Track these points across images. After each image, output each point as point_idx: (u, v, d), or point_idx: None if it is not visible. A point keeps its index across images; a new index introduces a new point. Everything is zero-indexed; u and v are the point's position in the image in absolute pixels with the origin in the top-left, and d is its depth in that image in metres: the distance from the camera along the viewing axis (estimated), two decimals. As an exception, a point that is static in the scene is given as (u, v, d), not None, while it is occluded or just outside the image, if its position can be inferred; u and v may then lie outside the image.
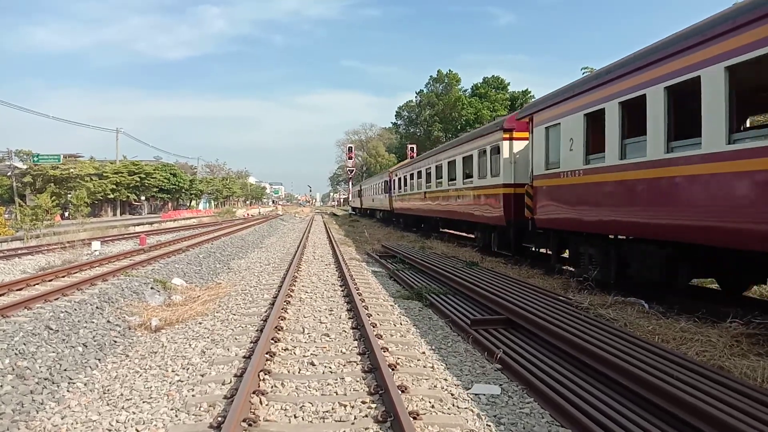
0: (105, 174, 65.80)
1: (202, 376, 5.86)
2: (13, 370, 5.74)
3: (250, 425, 4.41)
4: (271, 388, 5.38)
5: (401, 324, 8.10)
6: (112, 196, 66.70)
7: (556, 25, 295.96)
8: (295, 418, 4.70)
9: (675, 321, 6.94)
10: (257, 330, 7.67)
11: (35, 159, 59.13)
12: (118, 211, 69.30)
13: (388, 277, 13.35)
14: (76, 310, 8.35)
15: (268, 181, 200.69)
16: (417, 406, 4.83)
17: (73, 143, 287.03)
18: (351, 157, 76.19)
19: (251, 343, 7.00)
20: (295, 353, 6.61)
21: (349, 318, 8.43)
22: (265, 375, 5.66)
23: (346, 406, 4.86)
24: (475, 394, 5.20)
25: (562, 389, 4.94)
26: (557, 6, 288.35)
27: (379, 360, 5.67)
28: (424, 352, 6.63)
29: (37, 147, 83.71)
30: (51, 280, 11.84)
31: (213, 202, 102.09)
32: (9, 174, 60.08)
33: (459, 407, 4.90)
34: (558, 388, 4.97)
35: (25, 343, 6.47)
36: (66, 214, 51.35)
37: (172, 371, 6.17)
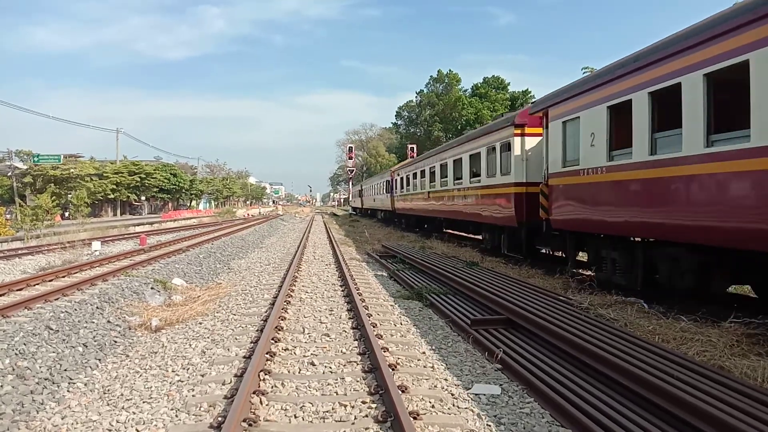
0: (105, 174, 65.81)
1: (203, 376, 5.86)
2: (14, 370, 5.74)
3: (250, 425, 4.41)
4: (272, 388, 5.38)
5: (401, 324, 8.10)
6: (113, 196, 66.71)
7: (556, 25, 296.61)
8: (296, 418, 4.70)
9: (675, 321, 6.94)
10: (257, 330, 7.67)
11: (35, 159, 59.10)
12: (119, 211, 69.31)
13: (388, 277, 13.35)
14: (76, 310, 8.35)
15: (268, 181, 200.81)
16: (417, 406, 4.83)
17: (73, 143, 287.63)
18: (351, 157, 76.22)
19: (251, 343, 7.00)
20: (295, 353, 6.61)
21: (350, 318, 8.43)
22: (266, 375, 5.66)
23: (346, 406, 4.86)
24: (476, 394, 5.20)
25: (562, 389, 4.94)
26: (557, 6, 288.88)
27: (379, 360, 5.67)
28: (424, 352, 6.63)
29: (37, 147, 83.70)
30: (51, 280, 11.84)
31: (213, 202, 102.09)
32: (9, 174, 60.07)
33: (459, 407, 4.90)
34: (558, 388, 4.96)
35: (25, 343, 6.47)
36: (66, 214, 51.35)
37: (173, 371, 6.17)
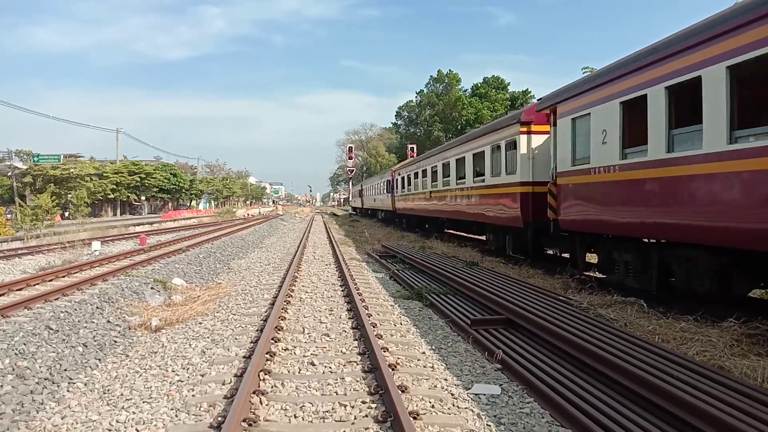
0: (105, 174, 65.83)
1: (202, 376, 5.86)
2: (13, 370, 5.74)
3: (250, 425, 4.41)
4: (271, 388, 5.38)
5: (401, 324, 8.10)
6: (112, 196, 66.72)
7: (556, 25, 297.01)
8: (295, 418, 4.70)
9: (675, 321, 6.94)
10: (257, 330, 7.67)
11: (35, 159, 59.13)
12: (118, 211, 69.31)
13: (388, 277, 13.35)
14: (76, 310, 8.35)
15: (268, 181, 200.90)
16: (417, 406, 4.83)
17: (73, 143, 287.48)
18: (351, 157, 76.18)
19: (251, 343, 7.00)
20: (295, 353, 6.61)
21: (349, 318, 8.43)
22: (265, 375, 5.66)
23: (346, 406, 4.86)
24: (475, 394, 5.20)
25: (562, 389, 4.94)
26: (557, 6, 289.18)
27: (379, 360, 5.67)
28: (424, 352, 6.63)
29: (37, 147, 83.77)
30: (51, 280, 11.84)
31: (213, 202, 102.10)
32: (9, 174, 60.09)
33: (459, 407, 4.90)
34: (558, 388, 4.97)
35: (25, 343, 6.47)
36: (66, 214, 51.36)
37: (172, 371, 6.17)
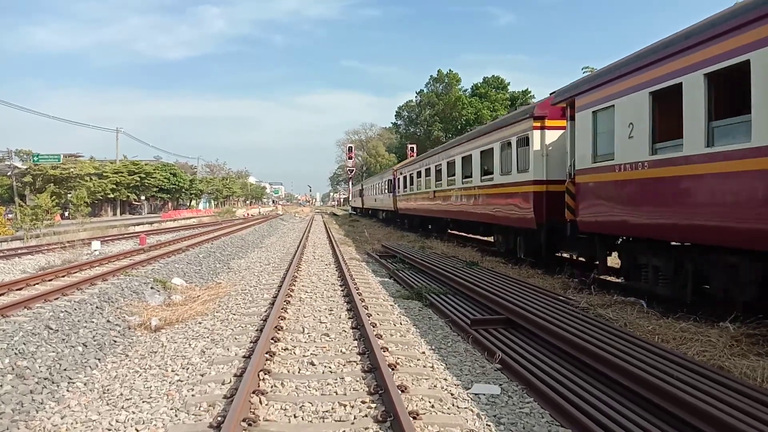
0: (105, 174, 65.86)
1: (202, 375, 5.86)
2: (13, 369, 5.74)
3: (249, 425, 4.41)
4: (271, 387, 5.38)
5: (401, 324, 8.10)
6: (112, 196, 66.74)
7: (556, 25, 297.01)
8: (295, 417, 4.70)
9: (675, 321, 6.94)
10: (257, 330, 7.66)
11: (35, 159, 59.16)
12: (118, 211, 69.31)
13: (388, 276, 13.34)
14: (75, 309, 8.34)
15: (268, 181, 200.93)
16: (417, 405, 4.83)
17: (73, 143, 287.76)
18: (351, 157, 76.18)
19: (251, 342, 7.00)
20: (294, 353, 6.61)
21: (349, 318, 8.43)
22: (265, 375, 5.66)
23: (345, 406, 4.86)
24: (475, 394, 5.20)
25: (562, 389, 4.94)
26: (557, 6, 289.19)
27: (378, 360, 5.67)
28: (423, 352, 6.63)
29: (37, 147, 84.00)
30: (51, 280, 11.84)
31: (213, 201, 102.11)
32: (9, 174, 60.10)
33: (459, 407, 4.89)
34: (558, 388, 4.96)
35: (24, 343, 6.47)
36: (66, 214, 51.36)
37: (172, 371, 6.17)
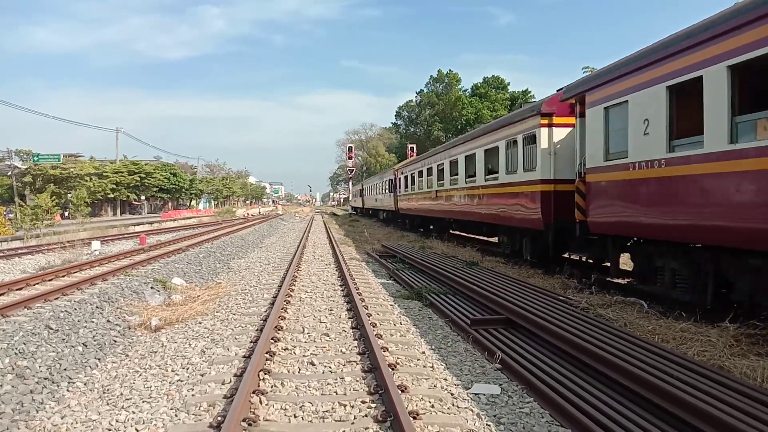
0: (105, 174, 65.86)
1: (202, 375, 5.86)
2: (13, 369, 5.74)
3: (249, 425, 4.41)
4: (271, 387, 5.38)
5: (401, 324, 8.10)
6: (112, 196, 66.74)
7: (556, 25, 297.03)
8: (295, 417, 4.70)
9: (675, 321, 6.94)
10: (257, 330, 7.67)
11: (35, 159, 59.16)
12: (118, 211, 69.31)
13: (388, 276, 13.35)
14: (75, 309, 8.35)
15: (268, 181, 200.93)
16: (417, 405, 4.83)
17: (73, 143, 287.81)
18: (351, 157, 76.16)
19: (251, 342, 7.00)
20: (294, 353, 6.61)
21: (349, 318, 8.43)
22: (265, 375, 5.66)
23: (345, 406, 4.86)
24: (475, 394, 5.20)
25: (561, 389, 4.94)
26: (557, 6, 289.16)
27: (378, 360, 5.67)
28: (423, 352, 6.63)
29: (37, 147, 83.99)
30: (51, 280, 11.84)
31: (213, 201, 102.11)
32: (9, 174, 60.10)
33: (459, 407, 4.89)
34: (558, 388, 4.96)
35: (24, 343, 6.47)
36: (66, 214, 51.36)
37: (172, 371, 6.17)
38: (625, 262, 10.64)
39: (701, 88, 7.01)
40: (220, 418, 4.55)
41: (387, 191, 38.22)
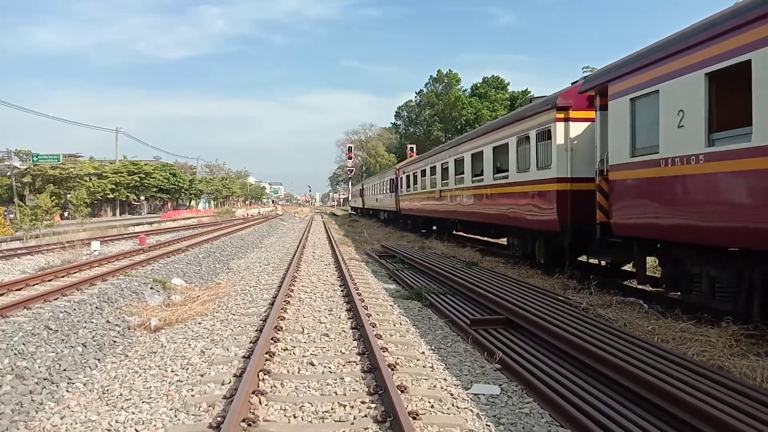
0: (104, 174, 65.82)
1: (202, 376, 5.85)
2: (13, 370, 5.73)
3: (249, 425, 4.41)
4: (271, 388, 5.38)
5: (401, 324, 8.09)
6: (112, 196, 66.70)
7: (556, 25, 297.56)
8: (295, 418, 4.70)
9: (675, 321, 6.94)
10: (257, 330, 7.66)
11: (35, 159, 59.13)
12: (118, 211, 69.29)
13: (387, 277, 13.35)
14: (75, 310, 8.34)
15: (268, 181, 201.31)
16: (416, 406, 4.83)
17: (72, 143, 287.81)
18: (351, 157, 76.28)
19: (251, 343, 6.99)
20: (294, 353, 6.61)
21: (349, 318, 8.43)
22: (265, 375, 5.66)
23: (345, 406, 4.86)
24: (475, 394, 5.20)
25: (561, 389, 4.94)
26: (557, 6, 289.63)
27: (378, 360, 5.66)
28: (423, 352, 6.63)
29: (36, 147, 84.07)
30: (50, 280, 11.83)
31: (212, 202, 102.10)
32: (8, 174, 60.08)
33: (458, 407, 4.90)
34: (557, 388, 4.96)
35: (24, 343, 6.47)
36: (65, 214, 51.31)
37: (172, 371, 6.16)
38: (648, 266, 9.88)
39: (748, 74, 6.27)
40: (219, 419, 4.55)
41: (388, 191, 37.28)
